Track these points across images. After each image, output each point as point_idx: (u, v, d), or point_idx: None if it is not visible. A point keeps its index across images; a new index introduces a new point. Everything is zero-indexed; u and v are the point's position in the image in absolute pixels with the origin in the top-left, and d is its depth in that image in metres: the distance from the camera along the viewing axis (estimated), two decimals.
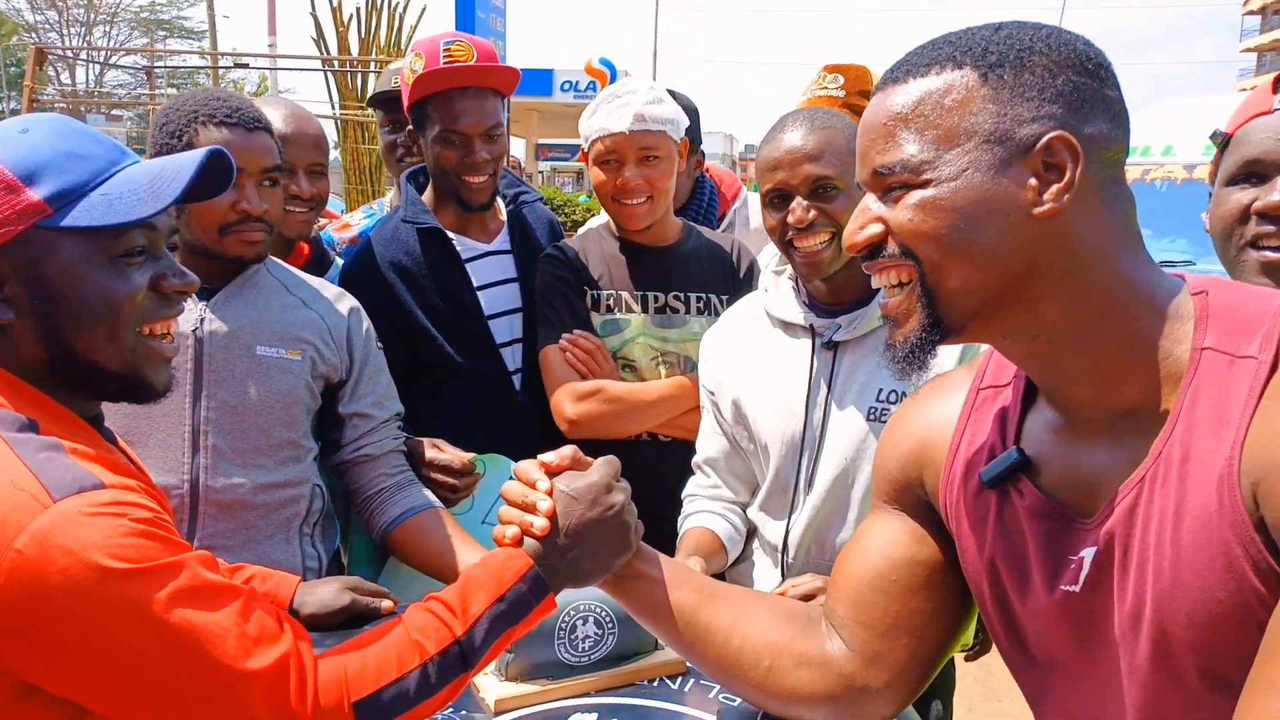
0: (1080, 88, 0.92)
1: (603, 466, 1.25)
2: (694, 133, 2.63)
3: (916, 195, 0.94)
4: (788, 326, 1.87)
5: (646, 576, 1.28)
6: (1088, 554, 0.95)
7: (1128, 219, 0.96)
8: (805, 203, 1.71)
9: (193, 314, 1.80)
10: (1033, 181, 0.91)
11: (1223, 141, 1.60)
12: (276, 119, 2.12)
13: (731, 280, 2.29)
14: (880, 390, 1.74)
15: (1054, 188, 0.91)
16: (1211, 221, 1.62)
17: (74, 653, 0.94)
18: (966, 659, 2.26)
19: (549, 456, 1.24)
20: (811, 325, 1.82)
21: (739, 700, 1.40)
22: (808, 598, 1.57)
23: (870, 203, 0.99)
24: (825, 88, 2.55)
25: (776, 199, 1.75)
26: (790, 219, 1.72)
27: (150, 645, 0.95)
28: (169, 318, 1.16)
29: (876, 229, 0.98)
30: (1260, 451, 0.82)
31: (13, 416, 1.01)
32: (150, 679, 0.97)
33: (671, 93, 2.58)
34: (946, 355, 1.69)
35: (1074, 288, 0.93)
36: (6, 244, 1.04)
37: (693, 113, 2.65)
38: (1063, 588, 0.97)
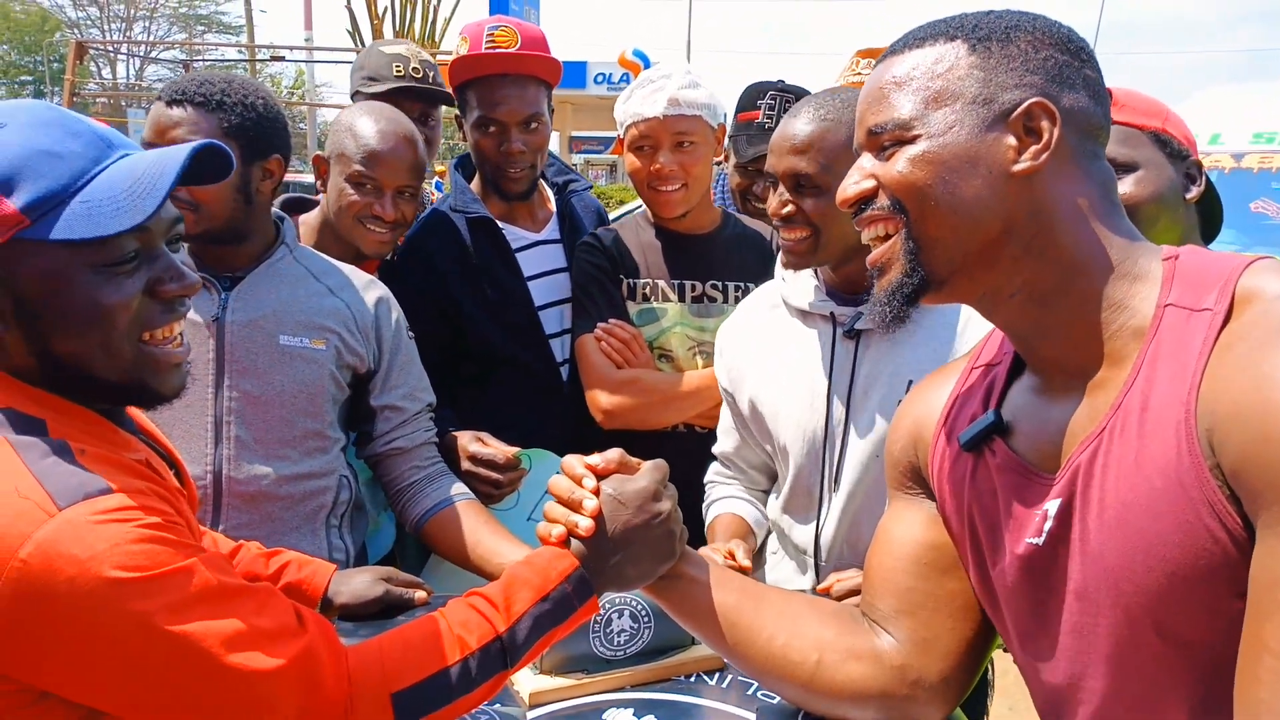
0: (1061, 64, 1.00)
1: (651, 471, 1.23)
2: None
3: (907, 150, 1.01)
4: (806, 315, 1.80)
5: (688, 577, 1.27)
6: (1051, 505, 0.99)
7: (1107, 189, 1.02)
8: (785, 195, 1.67)
9: (214, 302, 1.77)
10: (1012, 141, 0.98)
11: None
12: (371, 131, 2.03)
13: (770, 268, 2.25)
14: (910, 382, 1.66)
15: (1032, 148, 0.98)
16: None
17: (85, 661, 0.92)
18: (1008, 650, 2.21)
19: (595, 459, 1.22)
20: (832, 313, 1.75)
21: (778, 698, 1.37)
22: (852, 593, 1.54)
23: (864, 161, 1.07)
24: (859, 73, 2.50)
25: (772, 182, 1.72)
26: (769, 206, 1.69)
27: (164, 654, 0.93)
28: (171, 322, 1.09)
29: (868, 184, 1.05)
30: (1214, 399, 0.86)
31: (19, 417, 0.98)
32: (165, 686, 0.94)
33: (804, 92, 2.50)
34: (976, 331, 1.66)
35: (1047, 247, 0.99)
36: None
37: None
38: (1026, 540, 1.01)
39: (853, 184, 1.07)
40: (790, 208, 1.66)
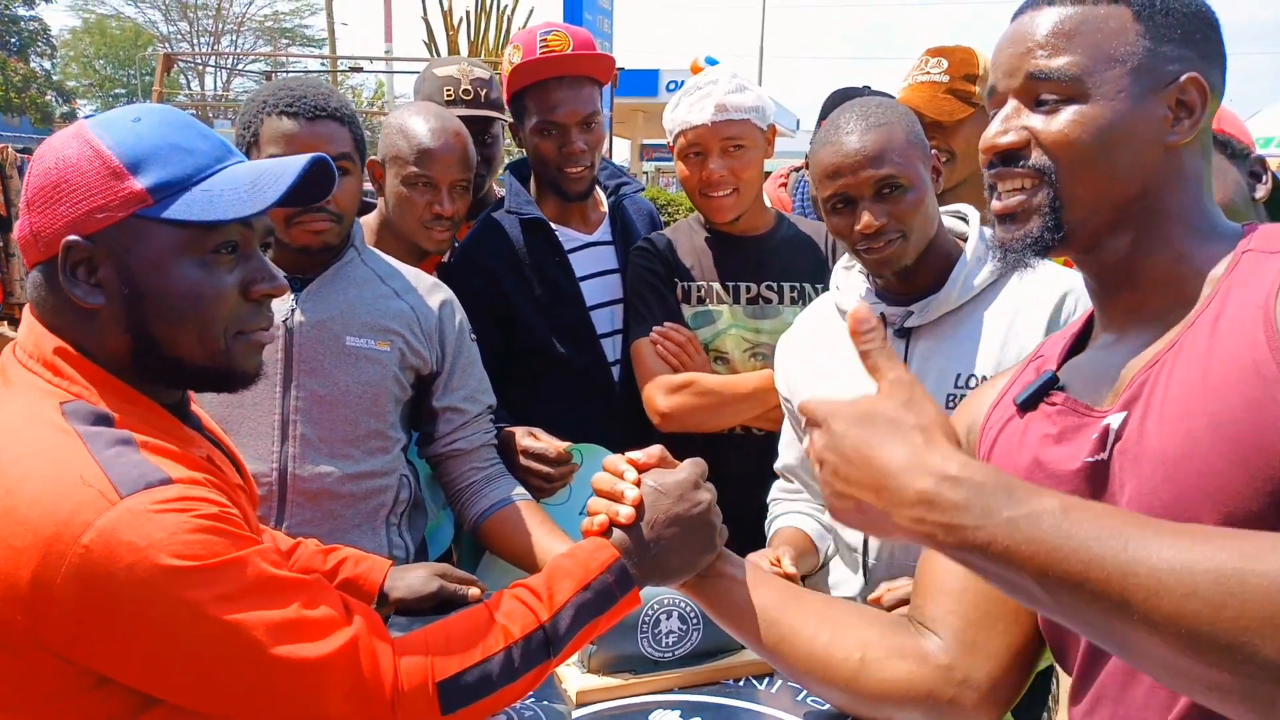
0: (1209, 39, 1.01)
1: (690, 466, 1.25)
2: None
3: (1074, 108, 1.00)
4: None
5: (728, 576, 1.26)
6: (1114, 419, 0.98)
7: (1210, 162, 1.05)
8: (873, 207, 1.64)
9: (284, 304, 1.81)
10: (1166, 113, 0.99)
11: None
12: (422, 131, 2.11)
13: (825, 269, 2.23)
14: (959, 375, 1.66)
15: (1185, 122, 1.00)
16: None
17: (141, 648, 0.95)
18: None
19: (637, 455, 1.24)
20: (882, 314, 1.74)
21: (827, 705, 1.35)
22: (903, 602, 1.51)
23: (1017, 110, 1.04)
24: (928, 72, 2.45)
25: (840, 204, 1.68)
26: (858, 226, 1.65)
27: (215, 642, 0.96)
28: (261, 325, 1.15)
29: (1022, 135, 1.03)
30: None
31: (89, 409, 1.02)
32: (216, 673, 0.97)
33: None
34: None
35: (1169, 211, 1.01)
36: (104, 229, 1.05)
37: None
38: (1084, 459, 1.00)
39: (1004, 135, 1.04)
40: (882, 220, 1.64)
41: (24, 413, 1.02)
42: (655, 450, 1.25)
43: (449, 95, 2.54)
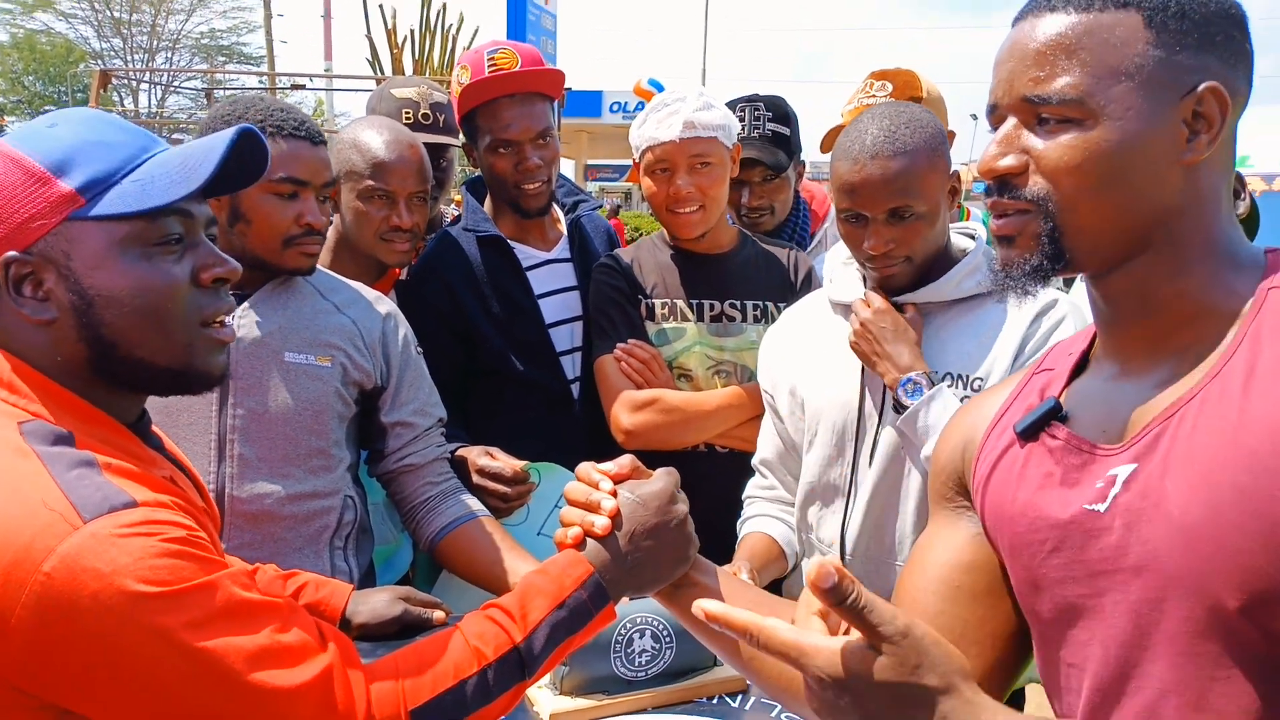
0: (1232, 41, 0.92)
1: (665, 476, 1.23)
2: (795, 141, 2.58)
3: (1076, 133, 0.92)
4: (848, 310, 1.82)
5: (702, 586, 1.24)
6: (1121, 470, 0.92)
7: (1230, 175, 0.97)
8: (883, 230, 1.67)
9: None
10: (1181, 129, 0.90)
11: None
12: (377, 144, 2.10)
13: (788, 289, 2.24)
14: (937, 372, 1.70)
15: (1202, 137, 0.91)
16: None
17: (107, 679, 0.91)
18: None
19: (609, 465, 1.21)
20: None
21: None
22: None
23: (1016, 129, 0.95)
24: (873, 95, 2.50)
25: (852, 217, 1.71)
26: (867, 245, 1.69)
27: (186, 671, 0.92)
28: (223, 310, 1.13)
29: (1020, 160, 0.95)
30: None
31: (48, 429, 0.98)
32: (187, 702, 0.93)
33: (774, 100, 2.55)
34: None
35: (1187, 235, 0.93)
36: (41, 239, 1.01)
37: (792, 119, 2.60)
38: (1084, 507, 0.94)
39: (1002, 159, 0.95)
40: (891, 244, 1.68)
41: None
42: (627, 460, 1.22)
43: (407, 118, 2.52)
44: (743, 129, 2.50)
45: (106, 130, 1.07)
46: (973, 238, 1.85)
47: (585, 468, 1.21)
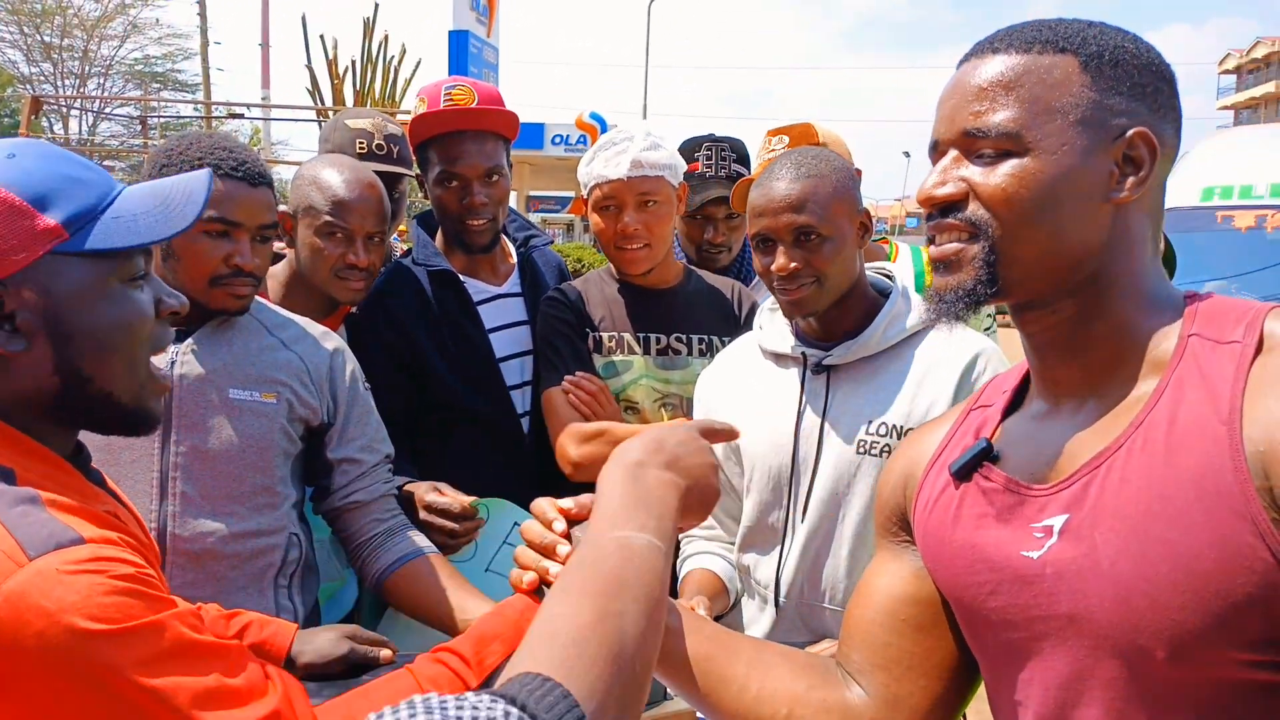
0: (1161, 92, 0.98)
1: None
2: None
3: (1013, 162, 0.96)
4: (779, 358, 1.87)
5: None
6: (1055, 521, 0.95)
7: (1159, 224, 1.02)
8: (789, 251, 1.72)
9: (165, 357, 1.74)
10: (1112, 168, 0.96)
11: None
12: (337, 182, 2.09)
13: (732, 322, 2.28)
14: (870, 422, 1.73)
15: (1131, 179, 0.96)
16: None
17: (51, 717, 0.89)
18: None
19: (567, 502, 1.16)
20: (803, 353, 1.82)
21: None
22: None
23: (954, 163, 1.01)
24: (772, 150, 2.57)
25: (761, 244, 1.77)
26: (774, 266, 1.73)
27: (134, 710, 0.91)
28: (167, 342, 1.15)
29: (960, 188, 0.99)
30: (1262, 425, 0.84)
31: None
32: None
33: (735, 143, 2.65)
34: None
35: (1112, 274, 0.98)
36: (19, 271, 1.00)
37: (748, 162, 2.67)
38: (1021, 553, 0.97)
39: (941, 185, 1.00)
40: (796, 263, 1.71)
41: None
42: (586, 499, 1.16)
43: (361, 148, 2.52)
44: (710, 168, 2.56)
45: (70, 165, 1.07)
46: (890, 277, 1.90)
47: (541, 505, 1.15)
